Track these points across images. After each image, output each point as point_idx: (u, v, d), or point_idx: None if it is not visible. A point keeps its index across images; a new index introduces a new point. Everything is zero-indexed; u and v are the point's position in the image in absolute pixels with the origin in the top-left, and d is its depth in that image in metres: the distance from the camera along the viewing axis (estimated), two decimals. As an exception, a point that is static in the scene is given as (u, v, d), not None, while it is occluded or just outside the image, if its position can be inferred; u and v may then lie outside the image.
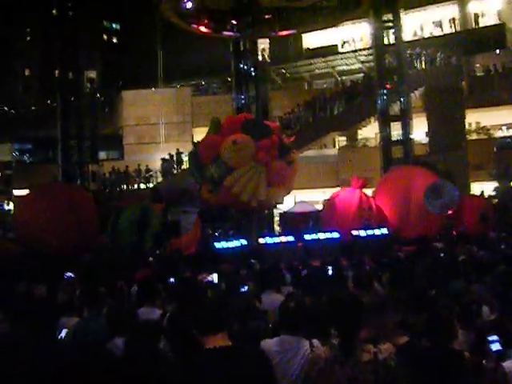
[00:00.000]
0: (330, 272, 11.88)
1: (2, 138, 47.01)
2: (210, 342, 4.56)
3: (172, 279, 10.54)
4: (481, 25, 42.65)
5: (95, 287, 8.70)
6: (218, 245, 22.03)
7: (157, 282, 9.69)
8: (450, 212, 24.86)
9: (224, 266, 11.33)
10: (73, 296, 8.80)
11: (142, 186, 37.43)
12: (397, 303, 6.47)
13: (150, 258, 19.04)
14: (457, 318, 5.70)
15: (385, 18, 33.41)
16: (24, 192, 32.56)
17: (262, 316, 6.65)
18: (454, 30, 43.19)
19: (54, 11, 35.91)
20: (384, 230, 24.76)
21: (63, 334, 6.67)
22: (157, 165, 37.92)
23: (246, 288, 7.17)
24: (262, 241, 23.59)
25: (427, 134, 37.12)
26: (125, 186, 37.37)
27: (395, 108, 33.17)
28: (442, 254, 16.21)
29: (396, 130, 32.92)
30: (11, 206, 38.51)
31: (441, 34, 43.24)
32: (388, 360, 4.29)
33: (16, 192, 39.49)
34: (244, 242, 22.89)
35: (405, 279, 8.85)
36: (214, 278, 7.96)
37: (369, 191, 28.81)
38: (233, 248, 22.25)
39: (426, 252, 16.89)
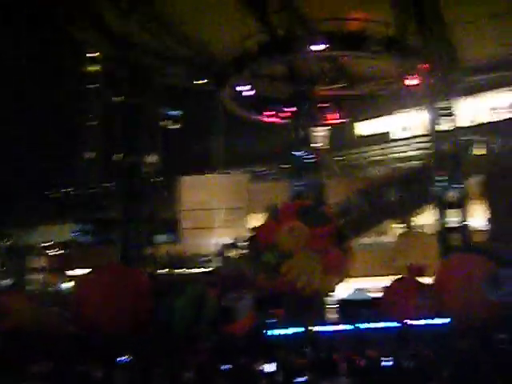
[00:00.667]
0: (388, 363, 11.63)
1: (62, 218, 48.28)
2: None
3: (227, 366, 10.45)
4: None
5: (150, 372, 8.70)
6: (272, 332, 21.82)
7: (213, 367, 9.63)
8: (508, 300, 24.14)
9: (280, 354, 11.13)
10: (130, 379, 8.72)
11: (198, 270, 37.56)
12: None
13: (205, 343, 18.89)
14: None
15: (439, 104, 33.71)
16: (83, 272, 33.23)
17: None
18: (507, 116, 42.96)
19: (117, 98, 37.47)
20: (445, 320, 24.16)
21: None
22: (213, 250, 38.14)
23: (302, 379, 6.97)
24: (316, 329, 23.26)
25: (485, 221, 36.47)
26: (181, 270, 37.57)
27: (452, 195, 32.91)
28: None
29: (453, 217, 32.58)
30: (68, 286, 39.17)
31: (498, 119, 43.06)
32: None
33: (74, 272, 40.16)
34: (298, 329, 22.61)
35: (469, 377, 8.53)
36: (270, 367, 7.78)
37: (426, 279, 28.34)
38: (287, 335, 21.99)
39: (489, 343, 16.36)
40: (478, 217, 35.96)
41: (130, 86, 33.86)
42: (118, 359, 10.54)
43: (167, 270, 37.37)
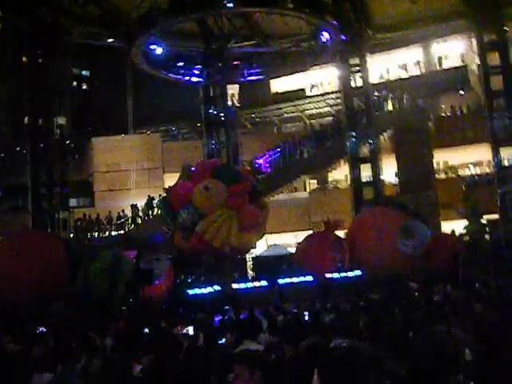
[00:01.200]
0: (307, 317, 11.78)
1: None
2: None
3: (147, 330, 10.31)
4: (444, 67, 43.61)
5: (68, 342, 8.48)
6: (191, 292, 21.82)
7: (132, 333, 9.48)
8: (422, 251, 25.04)
9: (199, 316, 11.04)
10: (46, 351, 8.51)
11: (114, 233, 37.04)
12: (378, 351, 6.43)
13: (123, 307, 18.66)
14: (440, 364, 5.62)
15: (352, 61, 34.14)
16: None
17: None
18: (419, 73, 44.00)
19: (23, 57, 35.95)
20: (357, 272, 24.86)
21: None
22: (128, 211, 37.62)
23: (224, 340, 6.90)
24: (235, 286, 23.45)
25: (397, 175, 37.52)
26: (96, 234, 36.93)
27: (364, 150, 33.62)
28: (416, 294, 16.23)
29: (366, 172, 33.37)
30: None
31: (406, 76, 44.05)
32: None
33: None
34: (217, 288, 22.71)
35: (383, 323, 8.77)
36: (190, 330, 7.67)
37: (340, 233, 29.00)
38: (206, 294, 22.05)
39: (401, 293, 16.90)
40: (390, 171, 36.93)
41: (37, 45, 32.48)
42: (36, 330, 10.15)
43: (81, 234, 36.65)
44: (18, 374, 5.70)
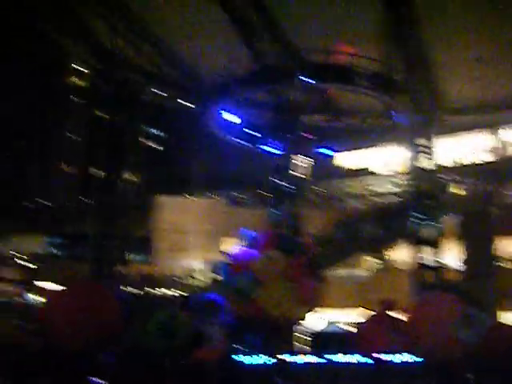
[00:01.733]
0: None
1: (34, 230, 47.67)
2: None
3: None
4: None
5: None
6: (243, 360, 21.55)
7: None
8: (480, 341, 24.24)
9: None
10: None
11: (170, 292, 37.21)
12: None
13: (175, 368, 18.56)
14: None
15: (420, 142, 34.09)
16: (50, 286, 32.65)
17: None
18: (488, 158, 43.51)
19: (96, 112, 37.44)
20: (415, 357, 24.16)
21: None
22: (185, 272, 37.85)
23: None
24: (288, 359, 23.04)
25: (460, 260, 36.68)
26: (152, 291, 37.17)
27: (428, 232, 33.17)
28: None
29: (428, 255, 32.81)
30: (35, 298, 38.51)
31: (475, 160, 43.60)
32: None
33: (42, 284, 39.59)
34: (270, 359, 22.38)
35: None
36: None
37: (397, 315, 28.40)
38: (259, 365, 21.73)
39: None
40: (453, 256, 36.22)
41: (114, 102, 33.76)
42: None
43: (139, 289, 36.97)
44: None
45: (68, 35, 34.70)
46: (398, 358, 23.70)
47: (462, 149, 44.44)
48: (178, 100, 37.75)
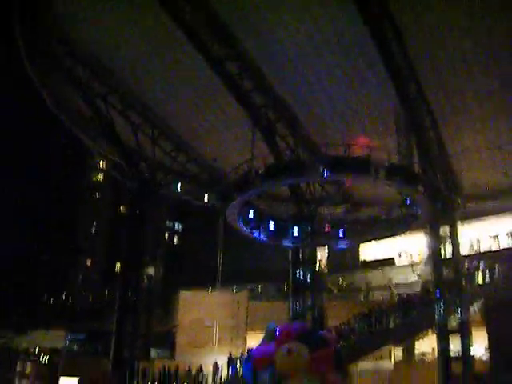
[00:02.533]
0: None
1: (57, 325, 47.69)
2: None
3: None
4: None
5: None
6: None
7: None
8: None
9: None
10: None
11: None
12: None
13: None
14: None
15: (441, 230, 34.08)
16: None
17: None
18: (509, 244, 43.15)
19: (121, 207, 38.14)
20: None
21: None
22: (208, 368, 37.35)
23: None
24: None
25: (487, 350, 35.78)
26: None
27: (453, 322, 32.67)
28: None
29: (455, 346, 32.11)
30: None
31: (498, 247, 43.25)
32: None
33: (64, 380, 39.37)
34: None
35: None
36: None
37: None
38: None
39: None
40: (481, 345, 35.46)
41: (136, 198, 34.47)
42: None
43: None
44: None
45: (91, 132, 35.89)
46: None
47: (484, 235, 44.23)
48: (200, 196, 38.41)
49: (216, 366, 36.71)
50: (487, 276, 38.80)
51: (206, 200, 38.10)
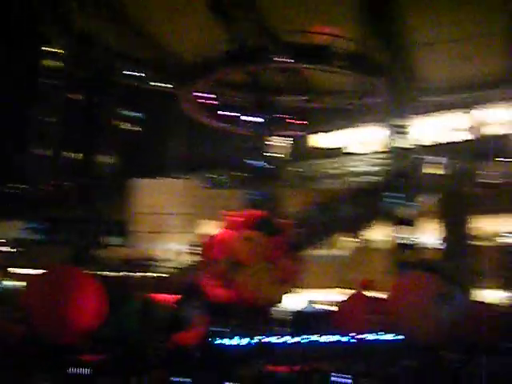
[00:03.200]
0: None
1: (14, 216, 47.10)
2: None
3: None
4: (492, 133, 43.13)
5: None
6: (224, 342, 21.57)
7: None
8: (459, 320, 24.46)
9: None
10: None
11: (149, 274, 37.03)
12: None
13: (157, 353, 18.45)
14: None
15: (397, 122, 34.13)
16: (30, 271, 32.27)
17: None
18: (465, 137, 43.61)
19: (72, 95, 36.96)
20: (394, 336, 24.38)
21: None
22: (164, 254, 37.70)
23: None
24: (268, 340, 23.13)
25: (437, 239, 36.89)
26: (132, 274, 36.94)
27: (406, 212, 33.34)
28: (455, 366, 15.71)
29: (405, 234, 32.95)
30: (15, 284, 38.16)
31: (452, 140, 43.71)
32: None
33: (21, 270, 39.24)
34: (250, 340, 22.44)
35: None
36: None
37: (377, 294, 28.60)
38: (239, 346, 21.79)
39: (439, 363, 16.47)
40: (430, 234, 36.49)
41: (90, 85, 33.35)
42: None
43: (117, 273, 36.74)
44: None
45: (44, 18, 34.13)
46: (377, 337, 23.99)
47: (438, 128, 44.60)
48: (154, 81, 37.39)
49: (173, 251, 37.09)
50: (440, 168, 39.50)
51: (162, 86, 37.08)
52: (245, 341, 22.06)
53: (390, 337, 24.23)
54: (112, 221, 38.29)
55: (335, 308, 26.95)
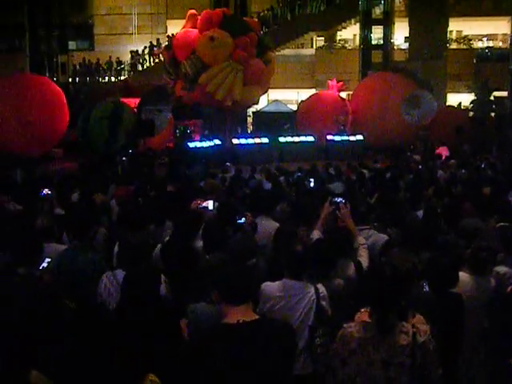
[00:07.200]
0: (312, 184, 11.64)
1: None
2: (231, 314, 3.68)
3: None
4: None
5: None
6: (191, 144, 21.67)
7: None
8: (426, 123, 24.67)
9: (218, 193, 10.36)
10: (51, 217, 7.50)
11: (113, 79, 36.33)
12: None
13: (123, 158, 18.47)
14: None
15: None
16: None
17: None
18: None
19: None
20: (359, 137, 24.68)
21: (45, 263, 5.50)
22: (128, 57, 36.70)
23: (243, 220, 6.44)
24: (236, 141, 23.29)
25: (408, 40, 35.91)
26: (95, 79, 36.18)
27: (377, 11, 32.39)
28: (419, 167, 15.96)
29: (376, 34, 32.15)
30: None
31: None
32: (427, 343, 3.76)
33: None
34: (218, 142, 22.59)
35: (392, 201, 8.56)
36: (210, 204, 7.28)
37: (345, 94, 28.55)
38: (206, 148, 21.96)
39: (403, 164, 16.70)
40: (401, 35, 35.75)
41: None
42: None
43: (80, 78, 35.96)
44: (28, 242, 5.30)
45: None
46: (340, 137, 24.31)
47: None
48: None
49: (137, 54, 36.13)
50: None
51: None
52: (212, 143, 22.23)
53: (355, 138, 24.54)
54: (72, 24, 36.67)
55: (302, 108, 26.89)
